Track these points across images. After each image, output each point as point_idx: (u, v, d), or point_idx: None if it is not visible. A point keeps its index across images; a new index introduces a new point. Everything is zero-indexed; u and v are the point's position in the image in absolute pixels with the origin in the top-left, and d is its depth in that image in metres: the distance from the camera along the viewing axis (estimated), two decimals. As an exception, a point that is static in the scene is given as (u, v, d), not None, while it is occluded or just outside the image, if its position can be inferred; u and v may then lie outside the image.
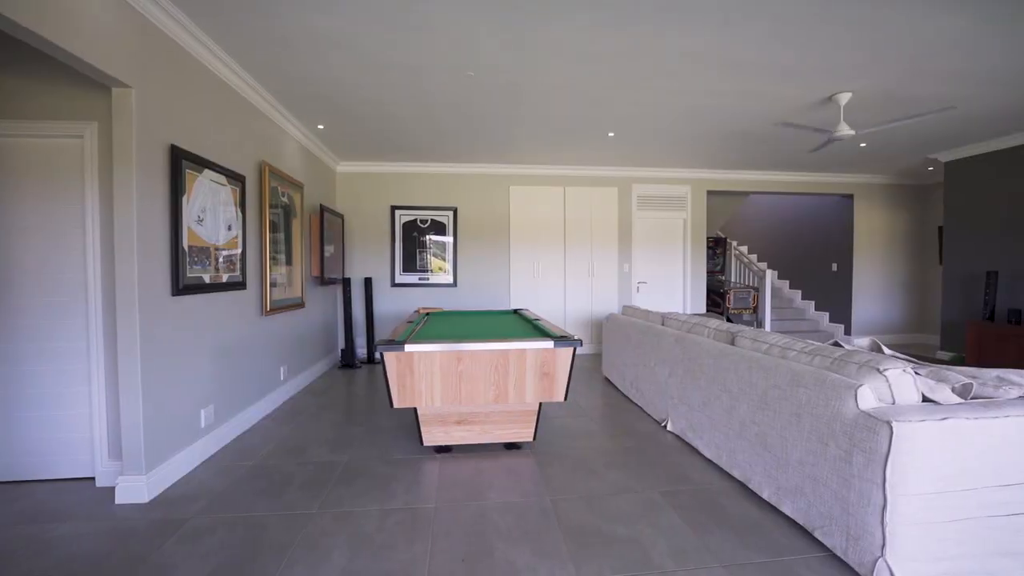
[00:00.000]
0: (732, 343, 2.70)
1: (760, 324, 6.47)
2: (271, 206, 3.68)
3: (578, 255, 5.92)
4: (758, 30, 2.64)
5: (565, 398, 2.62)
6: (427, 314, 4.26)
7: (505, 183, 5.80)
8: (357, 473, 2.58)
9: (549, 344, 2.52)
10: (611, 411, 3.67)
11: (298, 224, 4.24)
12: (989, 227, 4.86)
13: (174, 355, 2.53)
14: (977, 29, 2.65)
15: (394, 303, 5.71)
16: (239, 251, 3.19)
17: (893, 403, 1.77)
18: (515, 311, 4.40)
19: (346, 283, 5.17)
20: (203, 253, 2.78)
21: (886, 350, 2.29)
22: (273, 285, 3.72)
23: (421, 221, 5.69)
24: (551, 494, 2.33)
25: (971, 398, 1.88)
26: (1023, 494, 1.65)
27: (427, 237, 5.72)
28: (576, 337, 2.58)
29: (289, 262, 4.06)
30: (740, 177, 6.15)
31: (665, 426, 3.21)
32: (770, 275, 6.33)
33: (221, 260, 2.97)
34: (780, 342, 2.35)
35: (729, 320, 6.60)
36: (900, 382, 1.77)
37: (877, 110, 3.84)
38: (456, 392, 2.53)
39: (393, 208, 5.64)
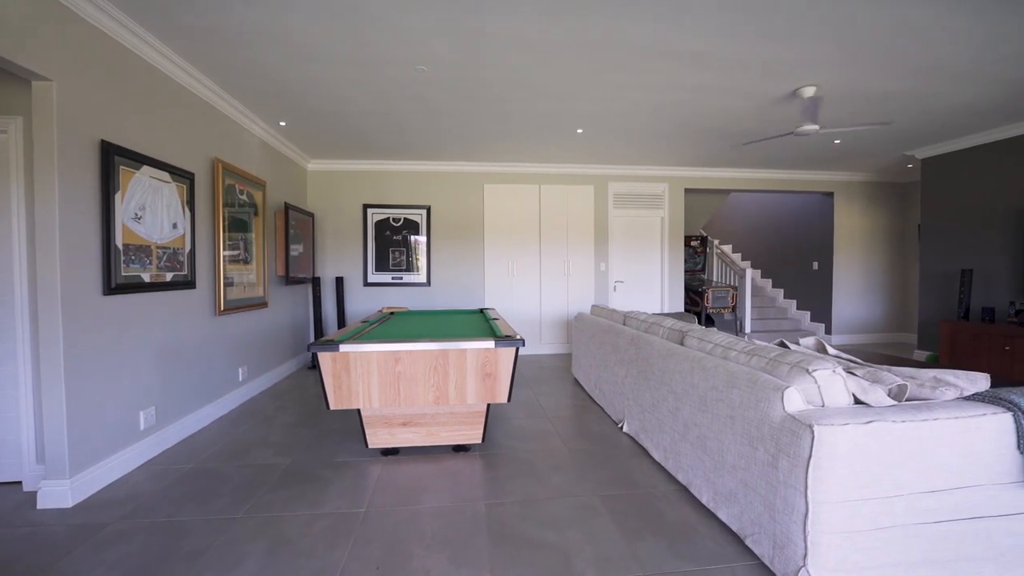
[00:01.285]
0: (681, 343, 2.64)
1: (740, 323, 6.40)
2: (227, 204, 3.61)
3: (554, 254, 5.85)
4: (707, 20, 2.57)
5: (509, 399, 2.55)
6: (391, 313, 4.20)
7: (479, 181, 5.73)
8: (296, 476, 2.51)
9: (490, 344, 2.46)
10: (573, 412, 3.60)
11: (260, 223, 4.17)
12: (965, 224, 4.79)
13: (107, 356, 2.46)
14: (943, 21, 2.58)
15: (367, 303, 5.65)
16: (187, 249, 3.12)
17: (822, 405, 1.70)
18: (481, 311, 4.33)
19: (315, 282, 5.11)
20: (142, 251, 2.71)
21: (830, 350, 2.23)
22: (230, 284, 3.65)
23: (394, 220, 5.62)
24: (488, 498, 2.26)
25: (906, 400, 1.82)
26: (952, 500, 1.58)
27: (400, 236, 5.65)
28: (519, 337, 2.51)
29: (250, 261, 4.00)
30: (719, 175, 6.08)
31: (622, 427, 3.15)
32: (750, 274, 6.26)
33: (164, 259, 2.91)
34: (724, 342, 2.28)
35: (708, 319, 6.54)
36: (829, 384, 1.70)
37: (845, 105, 3.77)
38: (395, 394, 2.46)
39: (365, 207, 5.57)
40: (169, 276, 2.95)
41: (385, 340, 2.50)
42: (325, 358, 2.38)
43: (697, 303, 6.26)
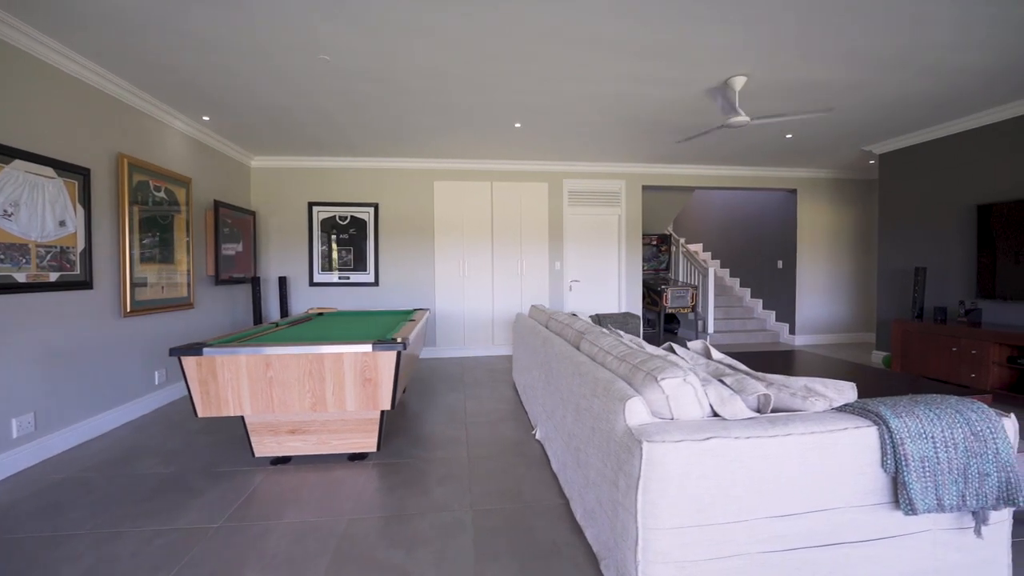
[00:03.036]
0: (578, 346, 2.48)
1: (704, 324, 6.23)
2: (138, 202, 3.48)
3: (507, 253, 5.70)
4: (619, 2, 2.40)
5: (392, 406, 2.41)
6: (319, 313, 4.05)
7: (429, 178, 5.58)
8: (169, 487, 2.37)
9: (368, 348, 2.31)
10: (496, 418, 3.45)
11: (182, 220, 4.03)
12: (922, 221, 4.61)
13: (-35, 361, 2.33)
14: (886, 4, 2.41)
15: (312, 303, 5.50)
16: (79, 248, 2.98)
17: (671, 418, 1.55)
18: (413, 311, 4.18)
19: (255, 282, 4.97)
20: (15, 250, 2.57)
21: (715, 354, 2.07)
22: (142, 285, 3.52)
23: (340, 218, 5.47)
24: (354, 513, 2.11)
25: (772, 411, 1.66)
26: (806, 525, 1.43)
27: (347, 234, 5.50)
28: (399, 340, 2.37)
29: (168, 260, 3.86)
30: (678, 171, 5.91)
31: (535, 435, 3.00)
32: (713, 272, 6.09)
33: (48, 258, 2.77)
34: (608, 345, 2.12)
35: (670, 319, 6.37)
36: (679, 393, 1.54)
37: (778, 96, 3.60)
38: (267, 400, 2.32)
39: (311, 204, 5.43)
40: (55, 276, 2.81)
41: (258, 344, 2.35)
42: (189, 363, 2.24)
43: (657, 302, 6.10)
